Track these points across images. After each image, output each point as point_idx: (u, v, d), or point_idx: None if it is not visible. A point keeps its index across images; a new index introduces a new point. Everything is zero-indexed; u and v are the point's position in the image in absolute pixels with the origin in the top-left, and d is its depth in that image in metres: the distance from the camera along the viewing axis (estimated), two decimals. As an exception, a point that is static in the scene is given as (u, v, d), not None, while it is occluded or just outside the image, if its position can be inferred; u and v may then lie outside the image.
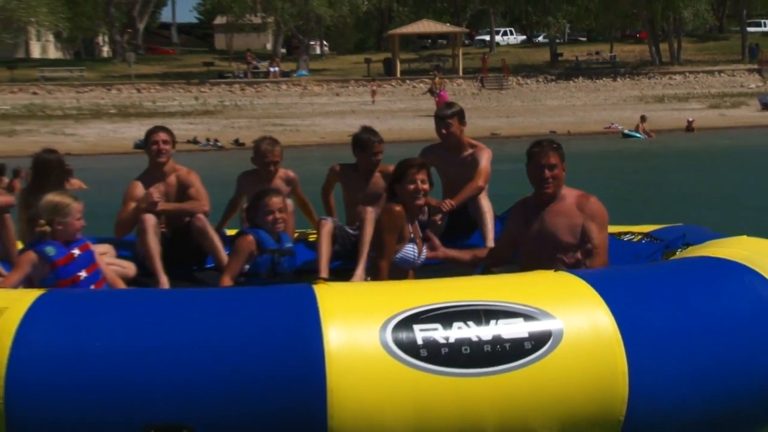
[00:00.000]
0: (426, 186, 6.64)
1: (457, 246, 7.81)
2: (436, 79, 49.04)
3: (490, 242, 7.61)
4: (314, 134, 39.13)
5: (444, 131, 8.04)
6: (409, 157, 6.82)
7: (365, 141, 8.00)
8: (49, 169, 7.80)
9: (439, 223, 7.96)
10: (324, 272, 7.31)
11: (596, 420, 4.83)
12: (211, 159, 29.22)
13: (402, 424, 4.62)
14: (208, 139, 34.93)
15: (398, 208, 6.56)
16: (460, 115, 8.11)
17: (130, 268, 7.45)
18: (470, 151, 8.10)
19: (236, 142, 36.95)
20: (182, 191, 7.79)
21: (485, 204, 7.90)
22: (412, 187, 6.57)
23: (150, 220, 7.44)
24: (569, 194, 6.32)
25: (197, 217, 7.61)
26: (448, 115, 8.02)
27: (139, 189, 7.72)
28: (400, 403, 4.58)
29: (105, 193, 15.10)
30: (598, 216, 6.24)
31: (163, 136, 7.81)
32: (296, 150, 30.28)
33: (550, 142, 6.35)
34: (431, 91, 46.99)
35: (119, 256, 7.55)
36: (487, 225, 7.82)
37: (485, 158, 8.00)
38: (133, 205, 7.60)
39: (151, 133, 7.89)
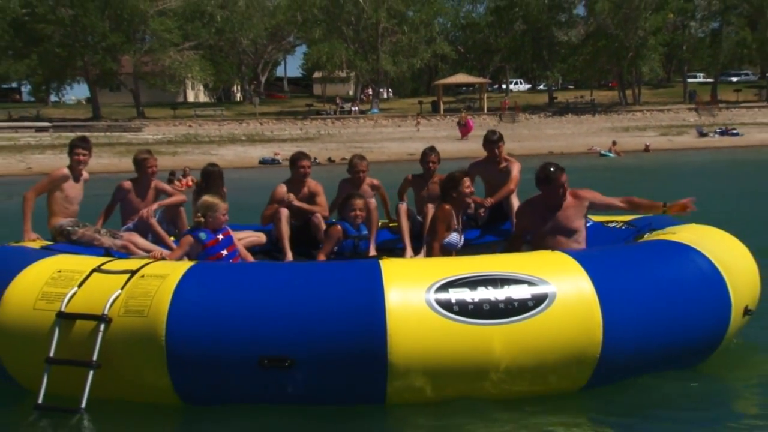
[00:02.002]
0: (472, 188, 6.84)
1: (494, 231, 7.87)
2: (463, 114, 49.84)
3: None
4: (383, 154, 38.94)
5: (496, 150, 8.00)
6: (457, 170, 6.81)
7: (422, 152, 8.20)
8: (211, 178, 7.89)
9: (483, 215, 7.99)
10: (407, 243, 7.47)
11: (578, 357, 4.80)
12: (312, 171, 29.45)
13: (440, 359, 4.61)
14: (309, 158, 35.04)
15: (448, 206, 6.60)
16: (503, 140, 8.12)
17: (261, 236, 7.57)
18: (505, 163, 8.06)
19: (329, 159, 37.16)
20: (312, 195, 7.87)
21: (515, 202, 7.85)
22: (467, 189, 6.71)
23: (284, 212, 7.54)
24: (568, 194, 6.33)
25: (315, 215, 7.68)
26: (496, 140, 8.00)
27: (280, 191, 7.79)
28: (439, 344, 4.58)
29: (239, 195, 15.22)
30: (588, 191, 6.37)
31: (306, 162, 7.95)
32: (370, 165, 30.18)
33: (558, 167, 6.31)
34: (459, 123, 47.43)
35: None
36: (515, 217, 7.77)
37: (516, 169, 7.98)
38: (275, 206, 7.67)
39: (297, 159, 7.98)
